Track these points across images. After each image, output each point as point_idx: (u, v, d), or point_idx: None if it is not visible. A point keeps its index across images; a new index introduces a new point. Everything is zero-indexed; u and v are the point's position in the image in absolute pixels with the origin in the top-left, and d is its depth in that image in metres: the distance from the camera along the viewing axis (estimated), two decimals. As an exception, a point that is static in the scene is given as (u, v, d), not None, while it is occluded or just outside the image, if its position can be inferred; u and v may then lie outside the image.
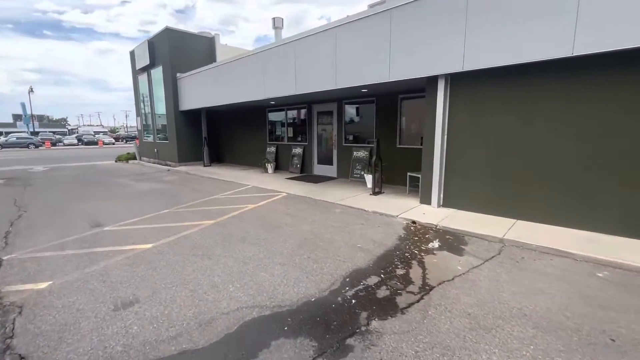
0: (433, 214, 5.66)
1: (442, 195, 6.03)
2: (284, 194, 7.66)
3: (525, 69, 4.84)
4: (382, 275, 3.52)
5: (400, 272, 3.60)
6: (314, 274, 3.58)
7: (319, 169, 10.55)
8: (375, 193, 7.33)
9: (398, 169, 8.03)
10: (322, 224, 5.36)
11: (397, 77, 6.13)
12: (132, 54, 16.03)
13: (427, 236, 4.75)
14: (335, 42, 7.06)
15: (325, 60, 7.33)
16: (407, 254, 4.09)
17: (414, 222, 5.38)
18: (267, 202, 6.89)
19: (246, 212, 6.14)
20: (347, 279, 3.44)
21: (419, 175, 6.97)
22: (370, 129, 8.94)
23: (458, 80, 5.60)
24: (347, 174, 9.52)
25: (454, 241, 4.53)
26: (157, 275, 3.60)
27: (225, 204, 6.88)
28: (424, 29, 5.65)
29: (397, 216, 5.64)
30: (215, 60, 13.43)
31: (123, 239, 4.78)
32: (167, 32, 12.93)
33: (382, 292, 3.17)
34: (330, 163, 10.12)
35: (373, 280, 3.42)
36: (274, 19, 12.84)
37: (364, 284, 3.33)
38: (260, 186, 8.69)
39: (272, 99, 9.55)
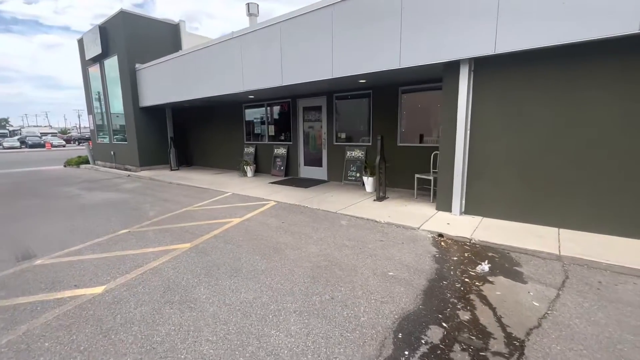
0: (459, 223, 4.80)
1: (464, 201, 5.20)
2: (273, 203, 6.48)
3: (577, 51, 4.09)
4: (444, 324, 2.52)
5: (464, 316, 2.63)
6: (350, 327, 2.50)
7: (306, 172, 9.44)
8: (379, 199, 6.38)
9: (399, 170, 7.15)
10: (332, 242, 4.29)
11: (410, 64, 5.20)
12: (80, 42, 13.88)
13: (466, 254, 3.84)
14: (332, 22, 6.00)
15: (320, 45, 6.24)
16: (457, 284, 3.14)
17: (440, 235, 4.48)
18: (255, 215, 5.68)
19: (231, 230, 4.91)
20: (400, 334, 2.41)
21: (429, 177, 6.11)
22: (365, 126, 7.99)
23: (484, 66, 4.77)
24: (339, 176, 8.51)
25: (502, 261, 3.66)
26: (111, 346, 2.34)
27: (203, 218, 5.58)
28: (444, 3, 4.77)
29: (418, 228, 4.71)
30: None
31: (61, 279, 3.40)
32: (123, 15, 11.14)
33: (460, 356, 2.17)
34: (319, 164, 9.05)
35: (436, 333, 2.42)
36: (248, 4, 11.51)
37: (427, 342, 2.32)
38: (242, 193, 7.43)
39: (252, 92, 8.30)
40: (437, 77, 6.43)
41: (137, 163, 11.89)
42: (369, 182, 7.17)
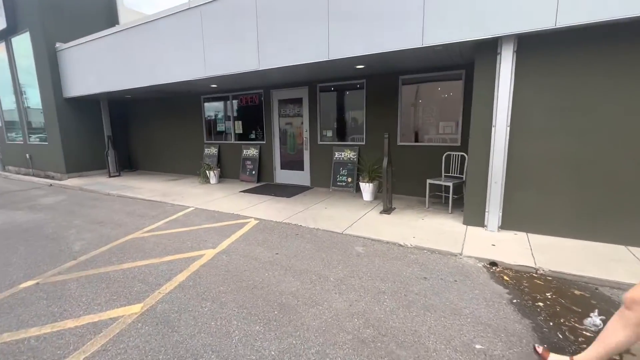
0: (506, 244, 3.80)
1: (501, 213, 4.23)
2: (253, 222, 4.99)
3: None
4: None
5: None
6: None
7: (283, 176, 7.98)
8: (386, 210, 5.21)
9: (400, 173, 6.07)
10: (361, 287, 2.99)
11: (437, 41, 4.07)
12: (-23, 14, 10.76)
13: (548, 294, 2.80)
14: (327, -12, 4.67)
15: (310, 18, 4.87)
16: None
17: (493, 263, 3.42)
18: (234, 242, 4.16)
19: (204, 271, 3.37)
20: None
21: (446, 184, 5.08)
22: (357, 122, 6.79)
23: (532, 46, 3.81)
24: (326, 181, 7.21)
25: (601, 303, 2.67)
26: None
27: (158, 252, 3.93)
28: (482, -36, 3.70)
29: (459, 254, 3.61)
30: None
31: None
32: (36, -21, 8.62)
33: None
34: (300, 168, 7.66)
35: None
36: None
37: None
38: (209, 208, 5.78)
39: (216, 80, 6.63)
40: (446, 64, 5.46)
41: (63, 169, 9.41)
42: (367, 189, 5.98)
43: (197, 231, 4.62)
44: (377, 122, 6.46)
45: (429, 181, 5.36)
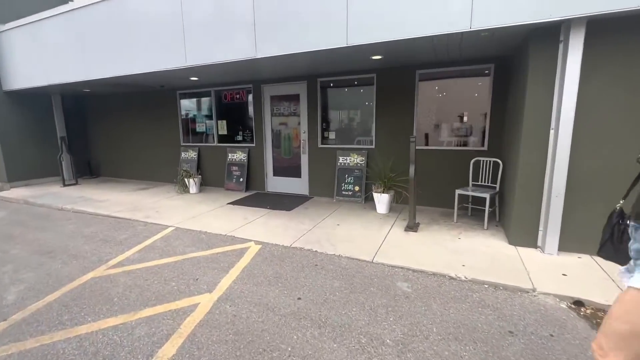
0: (578, 272, 3.11)
1: (558, 233, 3.56)
2: (255, 247, 3.99)
3: None
4: None
5: None
6: None
7: (277, 184, 6.99)
8: (412, 227, 4.42)
9: (418, 181, 5.31)
10: (434, 355, 2.13)
11: (489, 24, 3.32)
12: None
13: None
14: (345, -43, 3.78)
15: (323, -6, 3.96)
16: None
17: (579, 302, 2.70)
18: (236, 281, 3.16)
19: (202, 337, 2.36)
20: None
21: (482, 195, 4.36)
22: (365, 123, 5.95)
23: (602, 32, 3.15)
24: (328, 190, 6.32)
25: None
26: None
27: (130, 301, 2.84)
28: None
29: (532, 291, 2.87)
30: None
31: None
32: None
33: None
34: (297, 174, 6.71)
35: None
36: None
37: None
38: (194, 227, 4.69)
39: (198, 71, 5.53)
40: (473, 57, 4.73)
41: (4, 177, 7.78)
42: (382, 200, 5.16)
43: (183, 263, 3.55)
44: (389, 123, 5.66)
45: (458, 192, 4.63)
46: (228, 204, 6.05)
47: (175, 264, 3.54)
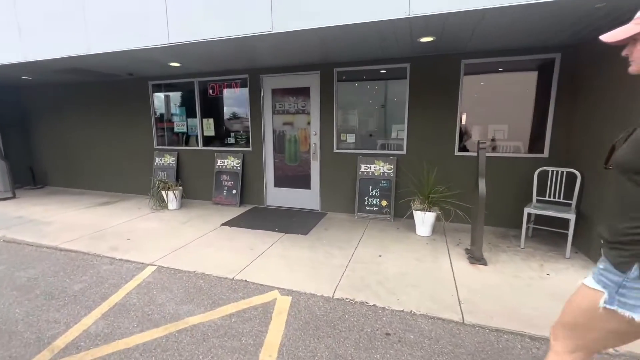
0: None
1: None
2: (281, 298, 2.78)
3: None
4: None
5: None
6: None
7: (278, 197, 5.74)
8: (479, 258, 3.42)
9: (461, 194, 4.36)
10: None
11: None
12: None
13: None
14: None
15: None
16: None
17: None
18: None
19: None
20: None
21: (564, 216, 3.44)
22: (395, 124, 4.90)
23: None
24: (346, 204, 5.20)
25: None
26: None
27: None
28: None
29: None
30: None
31: None
32: None
33: None
34: (305, 185, 5.52)
35: None
36: None
37: None
38: (185, 266, 3.37)
39: (182, 53, 4.20)
40: (532, 45, 3.82)
41: None
42: (425, 220, 4.13)
43: (178, 342, 2.27)
44: (425, 124, 4.65)
45: (528, 210, 3.70)
46: (222, 224, 4.74)
47: (165, 343, 2.25)
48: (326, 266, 3.34)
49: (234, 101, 5.77)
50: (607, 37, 1.09)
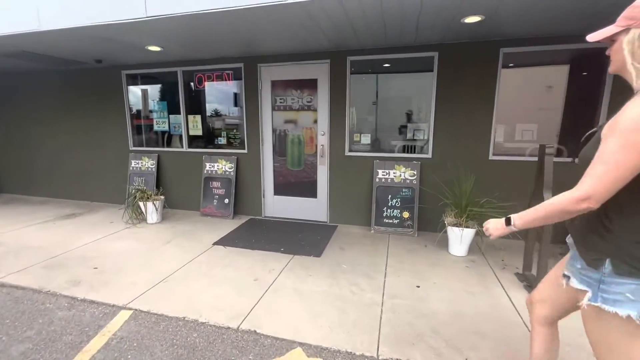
0: None
1: None
2: None
3: None
4: None
5: None
6: None
7: (279, 206, 4.95)
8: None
9: (493, 203, 3.73)
10: None
11: None
12: None
13: None
14: None
15: None
16: None
17: None
18: None
19: None
20: None
21: None
22: (418, 123, 4.22)
23: None
24: (359, 216, 4.49)
25: None
26: None
27: None
28: None
29: None
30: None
31: None
32: None
33: None
34: (311, 193, 4.76)
35: None
36: None
37: None
38: (171, 310, 2.54)
39: (164, 30, 3.34)
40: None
41: None
42: (465, 237, 3.47)
43: None
44: (453, 124, 4.00)
45: None
46: (215, 243, 3.91)
47: None
48: (356, 305, 2.61)
49: (226, 95, 4.93)
50: (591, 37, 1.13)
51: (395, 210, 4.25)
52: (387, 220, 4.27)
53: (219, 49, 4.15)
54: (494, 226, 1.35)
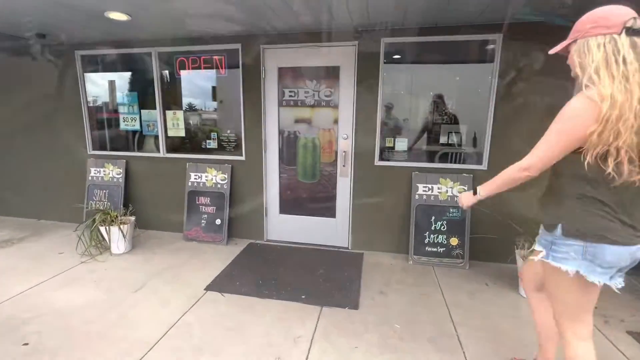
0: None
1: None
2: None
3: None
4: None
5: None
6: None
7: (286, 228, 3.91)
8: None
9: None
10: None
11: None
12: None
13: None
14: None
15: None
16: None
17: None
18: None
19: None
20: None
21: None
22: (471, 125, 3.33)
23: None
24: (391, 241, 3.56)
25: None
26: None
27: None
28: None
29: None
30: None
31: None
32: None
33: None
34: (328, 212, 3.75)
35: None
36: None
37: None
38: None
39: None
40: None
41: None
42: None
43: None
44: (517, 128, 3.14)
45: None
46: (207, 288, 2.85)
47: None
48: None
49: (218, 85, 3.82)
50: (552, 50, 1.41)
51: (440, 236, 3.36)
52: (430, 249, 3.37)
53: (209, 18, 3.06)
54: (466, 197, 1.64)
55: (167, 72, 3.88)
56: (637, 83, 1.14)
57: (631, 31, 1.15)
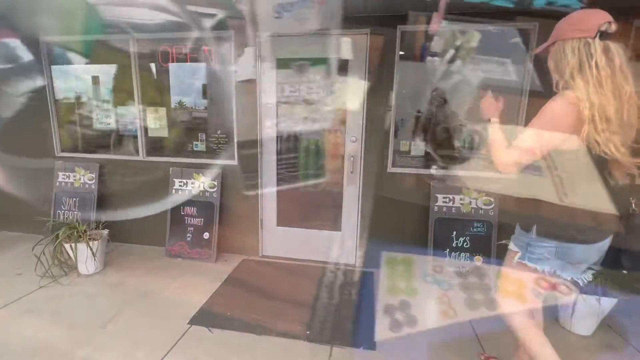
0: None
1: None
2: None
3: None
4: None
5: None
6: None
7: (283, 242, 3.43)
8: None
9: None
10: None
11: None
12: None
13: None
14: None
15: None
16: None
17: None
18: None
19: None
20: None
21: None
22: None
23: None
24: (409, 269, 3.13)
25: None
26: None
27: None
28: None
29: None
30: None
31: None
32: None
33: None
34: (332, 224, 3.29)
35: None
36: None
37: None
38: None
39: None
40: None
41: None
42: (603, 309, 2.22)
43: None
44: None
45: None
46: (192, 321, 2.36)
47: None
48: None
49: (206, 78, 3.32)
50: (535, 50, 1.48)
51: (462, 253, 2.94)
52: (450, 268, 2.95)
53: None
54: (491, 104, 1.61)
55: (148, 62, 3.36)
56: (611, 91, 1.14)
57: (605, 35, 1.16)
